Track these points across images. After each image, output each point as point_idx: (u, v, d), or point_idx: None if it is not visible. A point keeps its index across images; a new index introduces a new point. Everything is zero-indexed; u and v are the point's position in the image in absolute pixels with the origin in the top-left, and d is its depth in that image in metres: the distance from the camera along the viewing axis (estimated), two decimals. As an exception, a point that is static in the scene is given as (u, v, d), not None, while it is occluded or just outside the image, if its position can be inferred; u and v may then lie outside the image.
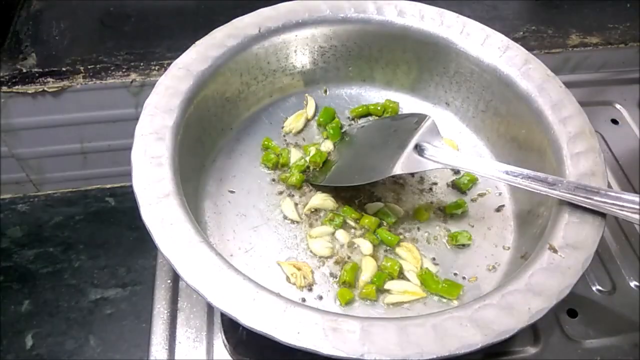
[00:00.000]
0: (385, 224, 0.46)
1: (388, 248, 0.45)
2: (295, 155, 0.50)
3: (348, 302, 0.41)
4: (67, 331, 0.69)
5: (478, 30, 0.50)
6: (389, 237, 0.44)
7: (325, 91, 0.56)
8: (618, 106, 0.66)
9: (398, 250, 0.45)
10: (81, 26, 0.75)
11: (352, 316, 0.33)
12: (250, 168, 0.50)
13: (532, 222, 0.43)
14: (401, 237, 0.45)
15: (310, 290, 0.42)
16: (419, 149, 0.43)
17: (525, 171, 0.39)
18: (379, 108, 0.54)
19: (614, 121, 0.65)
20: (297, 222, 0.46)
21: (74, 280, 0.74)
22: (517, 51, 0.48)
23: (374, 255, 0.44)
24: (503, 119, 0.49)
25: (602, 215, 0.37)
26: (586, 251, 0.36)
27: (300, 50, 0.52)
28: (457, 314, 0.33)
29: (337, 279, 0.43)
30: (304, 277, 0.42)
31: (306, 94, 0.55)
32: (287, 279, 0.42)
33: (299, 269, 0.42)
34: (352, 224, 0.46)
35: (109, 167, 0.81)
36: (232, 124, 0.52)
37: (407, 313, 0.41)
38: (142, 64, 0.70)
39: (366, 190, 0.48)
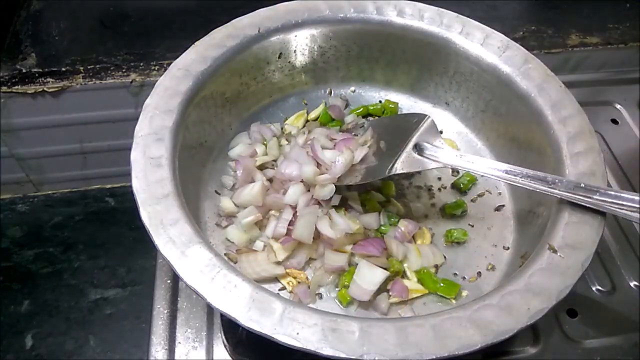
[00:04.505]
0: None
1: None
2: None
3: (349, 303, 0.41)
4: (67, 331, 0.69)
5: (478, 30, 0.50)
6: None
7: (330, 92, 0.56)
8: (618, 106, 0.66)
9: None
10: (81, 26, 0.75)
11: (352, 317, 0.33)
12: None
13: (532, 222, 0.43)
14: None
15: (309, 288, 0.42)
16: (418, 148, 0.43)
17: (525, 170, 0.39)
18: (379, 108, 0.54)
19: (614, 121, 0.65)
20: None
21: (74, 280, 0.74)
22: (517, 51, 0.48)
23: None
24: (503, 119, 0.49)
25: (602, 214, 0.37)
26: (586, 251, 0.36)
27: (300, 51, 0.52)
28: (456, 314, 0.33)
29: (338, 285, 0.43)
30: (299, 283, 0.42)
31: (304, 100, 0.55)
32: (283, 287, 0.42)
33: (294, 277, 0.42)
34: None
35: (109, 167, 0.81)
36: (232, 124, 0.51)
37: (406, 313, 0.41)
38: (142, 64, 0.69)
39: (366, 190, 0.48)
